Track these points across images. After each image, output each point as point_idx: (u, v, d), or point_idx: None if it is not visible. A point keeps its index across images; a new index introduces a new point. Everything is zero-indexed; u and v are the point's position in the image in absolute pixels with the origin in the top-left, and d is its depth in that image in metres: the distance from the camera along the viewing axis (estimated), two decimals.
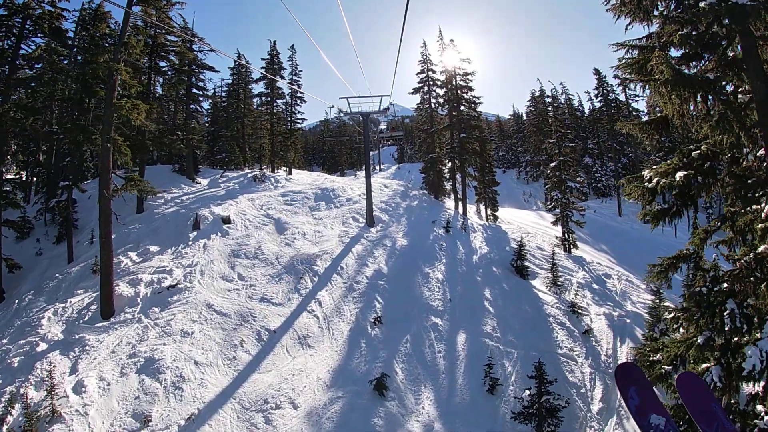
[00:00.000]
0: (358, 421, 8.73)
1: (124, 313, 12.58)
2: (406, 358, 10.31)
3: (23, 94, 19.99)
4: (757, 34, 4.94)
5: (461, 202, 25.39)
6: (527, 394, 8.44)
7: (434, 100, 27.03)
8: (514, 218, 29.68)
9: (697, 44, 5.19)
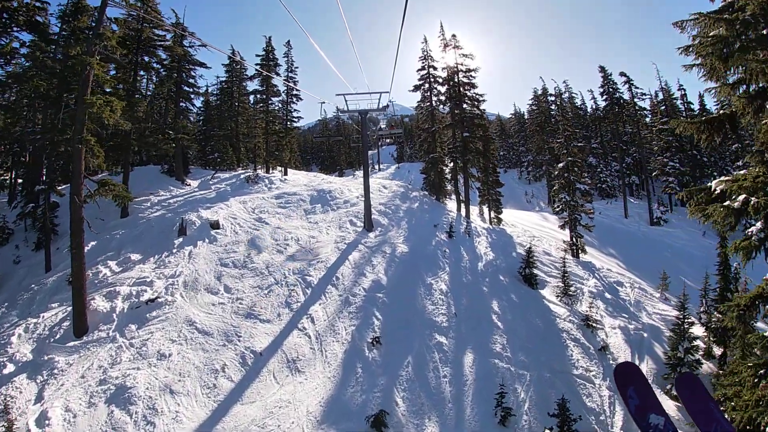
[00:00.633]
0: None
1: (98, 330, 11.48)
2: (407, 385, 9.21)
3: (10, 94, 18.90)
4: None
5: (464, 204, 24.29)
6: None
7: (435, 97, 25.88)
8: (517, 220, 28.59)
9: None
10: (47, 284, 14.62)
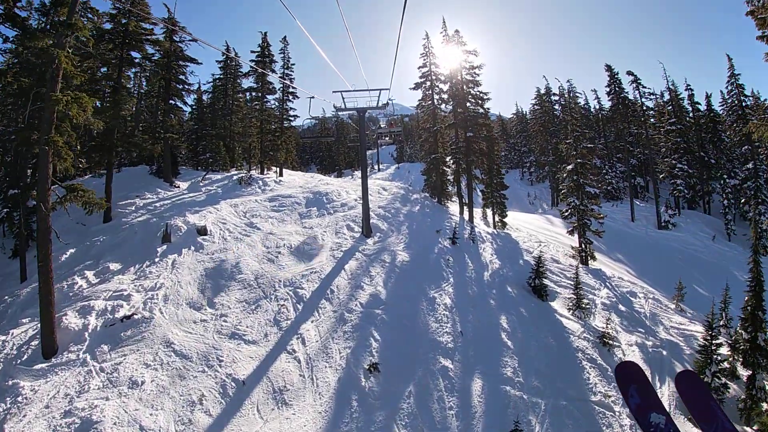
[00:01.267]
0: None
1: (68, 351, 10.38)
2: (409, 420, 8.13)
3: None
4: None
5: (467, 207, 23.21)
6: None
7: (437, 96, 24.78)
8: (522, 224, 27.53)
9: None
10: (21, 296, 13.55)
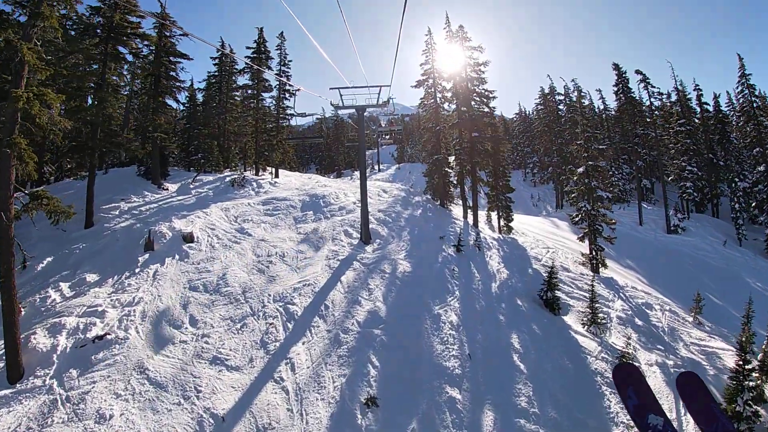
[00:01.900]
0: None
1: (34, 376, 9.29)
2: None
3: None
4: None
5: (471, 210, 22.13)
6: None
7: (440, 94, 23.67)
8: (527, 227, 26.45)
9: None
10: None
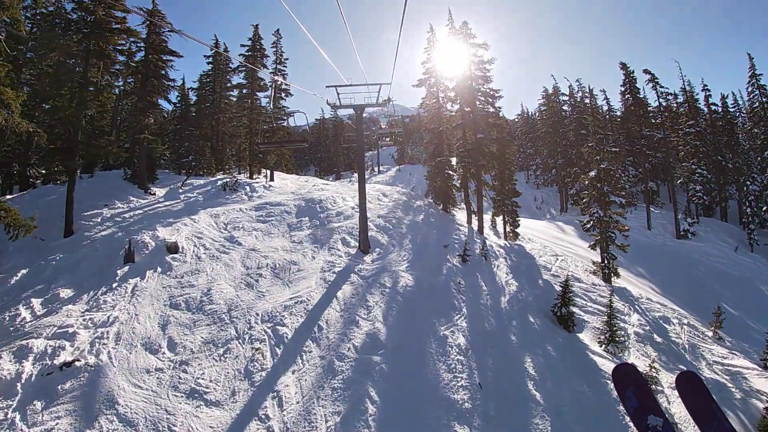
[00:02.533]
0: None
1: None
2: None
3: None
4: None
5: (476, 215, 21.07)
6: None
7: (442, 93, 22.63)
8: (532, 232, 25.39)
9: None
10: None
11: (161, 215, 16.10)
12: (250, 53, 25.22)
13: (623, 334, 13.33)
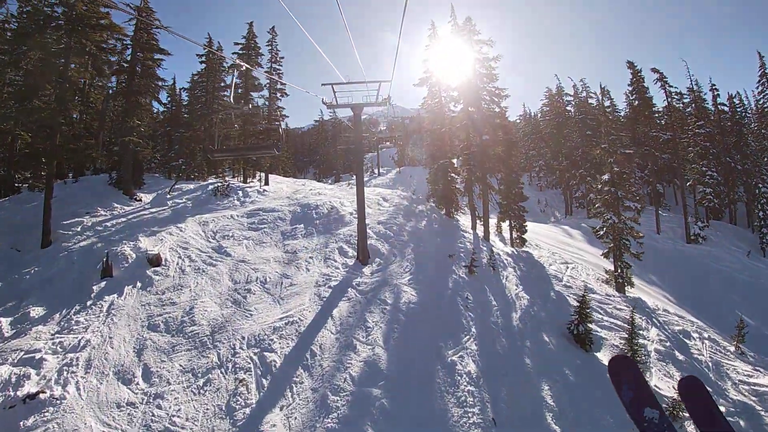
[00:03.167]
0: None
1: None
2: None
3: None
4: None
5: (480, 221, 20.04)
6: None
7: (445, 93, 21.63)
8: (539, 238, 24.34)
9: None
10: None
11: (146, 223, 15.05)
12: (244, 51, 24.23)
13: (644, 352, 12.29)
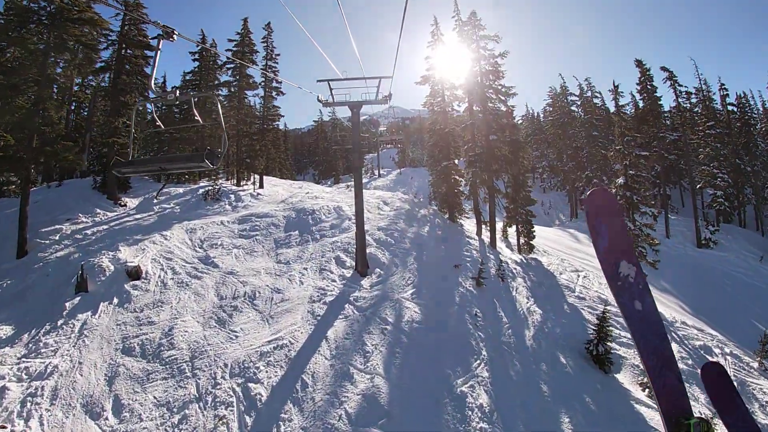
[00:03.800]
0: None
1: None
2: None
3: None
4: None
5: (486, 226, 19.04)
6: None
7: (448, 92, 20.58)
8: (546, 242, 23.36)
9: None
10: None
11: (128, 231, 14.05)
12: (238, 48, 23.23)
13: None
